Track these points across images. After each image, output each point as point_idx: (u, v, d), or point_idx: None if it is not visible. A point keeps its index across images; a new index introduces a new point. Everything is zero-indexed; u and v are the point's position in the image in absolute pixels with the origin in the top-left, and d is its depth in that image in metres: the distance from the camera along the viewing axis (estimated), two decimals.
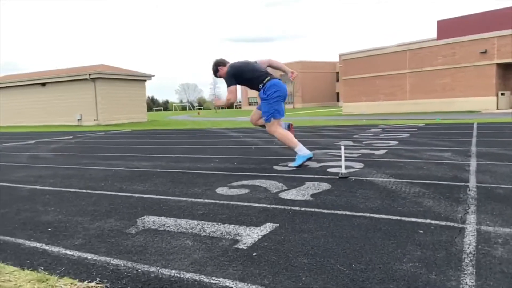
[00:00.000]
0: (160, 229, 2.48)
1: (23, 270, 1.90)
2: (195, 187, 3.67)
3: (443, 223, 2.34)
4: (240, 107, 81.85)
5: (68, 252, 2.13)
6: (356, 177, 3.74)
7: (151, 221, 2.65)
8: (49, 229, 2.56)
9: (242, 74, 4.43)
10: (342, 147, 3.83)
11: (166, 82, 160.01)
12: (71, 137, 11.34)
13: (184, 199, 3.22)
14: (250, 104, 74.86)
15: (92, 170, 4.96)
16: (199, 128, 14.60)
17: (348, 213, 2.63)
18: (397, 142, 6.64)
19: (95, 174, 4.68)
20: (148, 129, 14.69)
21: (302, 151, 4.34)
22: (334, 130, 10.18)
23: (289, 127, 4.60)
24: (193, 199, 3.19)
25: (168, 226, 2.52)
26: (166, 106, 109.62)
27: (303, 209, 2.77)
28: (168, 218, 2.69)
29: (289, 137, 4.40)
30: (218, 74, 4.60)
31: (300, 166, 4.33)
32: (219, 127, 14.35)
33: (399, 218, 2.47)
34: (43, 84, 22.80)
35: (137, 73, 24.38)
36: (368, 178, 3.70)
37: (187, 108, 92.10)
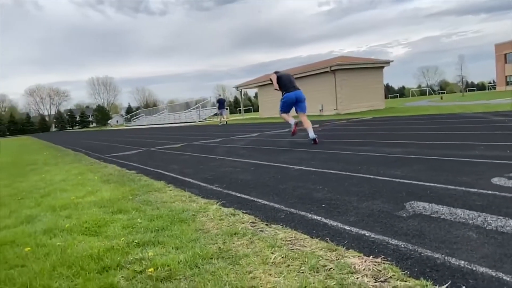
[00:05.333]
0: (433, 216, 2.35)
1: (312, 238, 2.17)
2: (462, 175, 3.30)
3: None
4: (494, 88, 69.63)
5: (346, 227, 2.30)
6: None
7: (421, 207, 2.54)
8: (323, 205, 2.84)
9: (280, 80, 7.16)
10: None
11: (401, 67, 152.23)
12: (317, 125, 12.38)
13: (453, 187, 2.94)
14: (507, 83, 62.45)
15: (345, 155, 5.23)
16: (446, 113, 13.21)
17: None
18: None
19: (349, 158, 4.91)
20: (388, 116, 14.38)
21: (292, 122, 7.21)
22: None
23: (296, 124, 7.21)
24: (464, 188, 2.88)
25: (442, 214, 2.35)
26: (402, 92, 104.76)
27: None
28: (440, 206, 2.51)
29: (286, 118, 7.27)
30: (271, 79, 7.41)
31: (290, 129, 7.43)
32: (471, 111, 12.56)
33: None
34: None
35: (375, 60, 24.24)
36: None
37: (427, 93, 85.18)
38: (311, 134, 6.94)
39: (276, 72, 7.49)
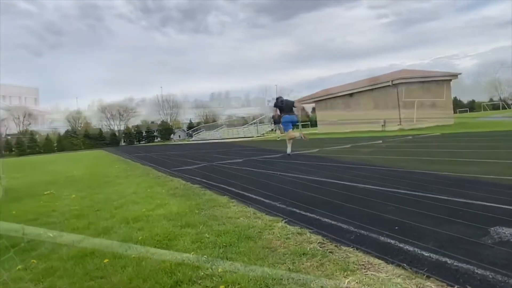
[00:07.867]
0: None
1: (387, 263, 2.06)
2: None
3: None
4: None
5: (424, 253, 2.15)
6: None
7: (508, 233, 2.32)
8: (396, 227, 2.69)
9: (283, 105, 9.21)
10: None
11: (470, 80, 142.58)
12: (380, 141, 11.94)
13: None
14: None
15: (413, 174, 4.96)
16: None
17: None
18: None
19: (418, 177, 4.65)
20: (459, 132, 13.49)
21: (288, 150, 9.43)
22: None
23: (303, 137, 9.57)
24: None
25: None
26: (472, 106, 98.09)
27: None
28: None
29: (295, 135, 9.43)
30: (275, 103, 9.55)
31: (289, 155, 9.26)
32: None
33: None
34: (351, 95, 25.30)
35: (441, 73, 23.02)
36: None
37: (500, 107, 78.80)
38: (289, 150, 9.46)
39: (278, 98, 9.59)
